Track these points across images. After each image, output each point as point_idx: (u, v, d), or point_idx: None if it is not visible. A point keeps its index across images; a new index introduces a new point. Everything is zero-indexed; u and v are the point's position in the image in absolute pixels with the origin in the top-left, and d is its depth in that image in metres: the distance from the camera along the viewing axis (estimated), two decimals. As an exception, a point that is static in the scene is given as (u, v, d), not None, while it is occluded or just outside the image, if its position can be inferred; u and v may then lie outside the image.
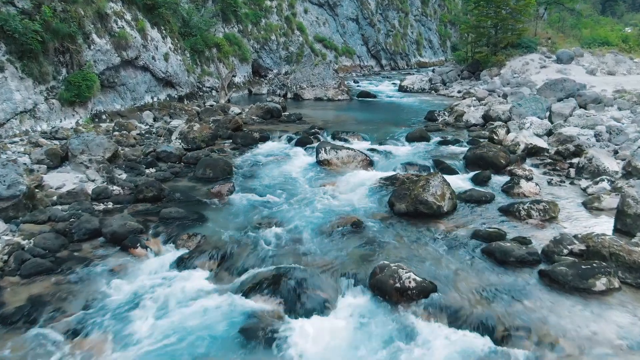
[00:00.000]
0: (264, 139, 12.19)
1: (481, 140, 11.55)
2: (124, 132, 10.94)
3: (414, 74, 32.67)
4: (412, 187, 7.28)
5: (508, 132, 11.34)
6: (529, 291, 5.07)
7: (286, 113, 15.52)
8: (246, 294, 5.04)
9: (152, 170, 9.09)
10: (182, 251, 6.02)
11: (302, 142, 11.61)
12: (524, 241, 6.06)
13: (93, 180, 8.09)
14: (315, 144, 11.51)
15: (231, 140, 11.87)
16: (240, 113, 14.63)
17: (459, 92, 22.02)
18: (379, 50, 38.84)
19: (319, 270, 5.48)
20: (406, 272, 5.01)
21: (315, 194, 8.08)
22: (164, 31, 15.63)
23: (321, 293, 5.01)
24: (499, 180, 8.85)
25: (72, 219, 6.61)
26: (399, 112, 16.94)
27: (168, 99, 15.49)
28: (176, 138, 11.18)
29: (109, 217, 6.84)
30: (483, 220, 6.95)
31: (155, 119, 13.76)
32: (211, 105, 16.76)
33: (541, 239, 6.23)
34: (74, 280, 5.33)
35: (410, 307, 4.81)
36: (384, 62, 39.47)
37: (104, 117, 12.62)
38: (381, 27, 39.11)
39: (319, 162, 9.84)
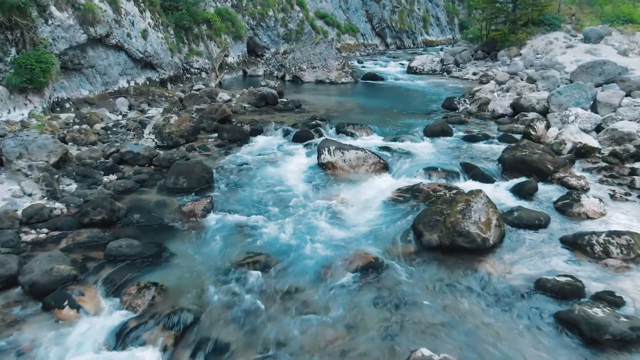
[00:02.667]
0: (256, 132, 10.30)
1: (514, 135, 9.69)
2: (85, 126, 9.04)
3: (421, 53, 30.51)
4: (446, 211, 5.45)
5: (548, 126, 9.45)
6: (646, 401, 3.29)
7: (283, 99, 13.58)
8: (211, 402, 3.27)
9: (113, 177, 7.25)
10: (128, 313, 4.23)
11: (301, 137, 9.75)
12: (613, 300, 4.27)
13: (30, 195, 6.26)
14: (316, 140, 9.68)
15: (217, 135, 9.98)
16: (229, 100, 12.70)
17: (474, 74, 20.03)
18: (384, 28, 36.50)
19: (321, 356, 3.69)
20: (458, 373, 3.22)
21: (316, 212, 6.25)
22: (141, 4, 13.55)
23: (326, 406, 3.24)
24: (547, 191, 7.05)
25: (-16, 258, 4.81)
26: (410, 98, 14.99)
27: (148, 82, 13.53)
28: (150, 133, 9.31)
29: (39, 252, 5.06)
30: (543, 259, 5.14)
31: (130, 107, 11.86)
32: (198, 90, 14.80)
33: (635, 294, 4.43)
34: (-44, 372, 3.56)
35: None
36: (389, 40, 37.16)
37: (67, 105, 10.72)
38: (386, 3, 36.66)
39: (321, 165, 8.00)
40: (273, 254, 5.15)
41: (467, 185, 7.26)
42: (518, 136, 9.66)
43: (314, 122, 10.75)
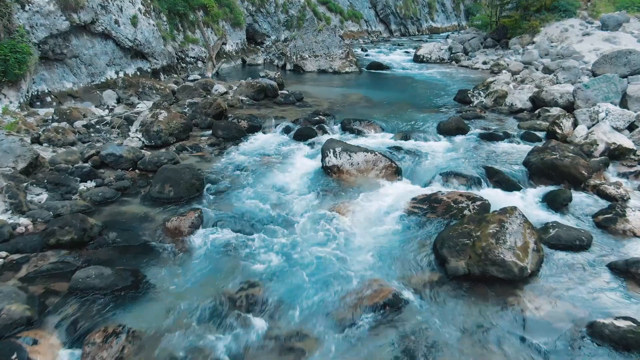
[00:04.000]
0: (254, 129, 9.46)
1: (537, 133, 8.83)
2: (64, 123, 8.18)
3: (427, 41, 29.51)
4: (475, 232, 4.62)
5: (575, 124, 8.57)
6: None
7: (284, 91, 12.69)
8: None
9: (90, 184, 6.42)
10: (91, 369, 3.44)
11: (303, 135, 8.92)
12: (690, 354, 3.45)
13: (-9, 208, 5.44)
14: (320, 138, 8.89)
15: (211, 132, 9.14)
16: (225, 92, 11.80)
17: (484, 63, 19.08)
18: (388, 14, 35.35)
19: None
20: None
21: (321, 228, 5.42)
22: (131, -12, 12.60)
23: None
24: (582, 201, 6.22)
25: None
26: (419, 89, 14.07)
27: (139, 73, 12.62)
28: (136, 130, 8.47)
29: (-8, 283, 4.25)
30: (591, 293, 4.32)
31: (119, 101, 11.00)
32: (193, 81, 13.91)
33: None
34: None
35: None
36: (393, 27, 36.04)
37: (48, 99, 9.85)
38: (391, -12, 35.48)
39: (326, 169, 7.17)
40: (270, 285, 4.34)
41: (490, 193, 6.46)
42: (541, 134, 8.83)
43: (317, 118, 9.88)
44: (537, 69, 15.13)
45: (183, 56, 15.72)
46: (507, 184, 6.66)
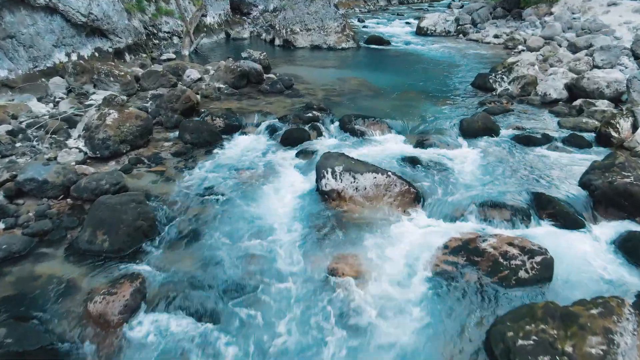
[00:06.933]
0: (232, 129, 7.63)
1: (584, 134, 7.08)
2: (-21, 131, 6.29)
3: (428, 9, 27.33)
4: (561, 344, 2.94)
5: (635, 125, 6.82)
6: None
7: (271, 75, 10.76)
8: None
9: (-3, 227, 4.64)
10: None
11: (292, 139, 7.15)
12: None
13: None
14: (313, 141, 7.21)
15: (178, 134, 7.30)
16: (200, 79, 9.84)
17: (495, 36, 17.14)
18: (386, -20, 32.78)
19: None
20: None
21: (316, 310, 3.72)
22: (84, -50, 10.39)
23: None
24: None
25: None
26: (428, 71, 12.14)
27: (97, 54, 10.59)
28: (79, 137, 6.63)
29: None
30: None
31: (70, 90, 9.05)
32: (167, 60, 11.93)
33: None
34: None
35: None
36: (391, -6, 33.50)
37: (-25, 92, 7.90)
38: (389, -49, 32.78)
39: (323, 194, 5.43)
40: None
41: (544, 233, 4.82)
42: (588, 135, 7.10)
43: (309, 114, 8.00)
44: (560, 45, 13.24)
45: (155, 31, 13.61)
46: (566, 219, 4.95)
